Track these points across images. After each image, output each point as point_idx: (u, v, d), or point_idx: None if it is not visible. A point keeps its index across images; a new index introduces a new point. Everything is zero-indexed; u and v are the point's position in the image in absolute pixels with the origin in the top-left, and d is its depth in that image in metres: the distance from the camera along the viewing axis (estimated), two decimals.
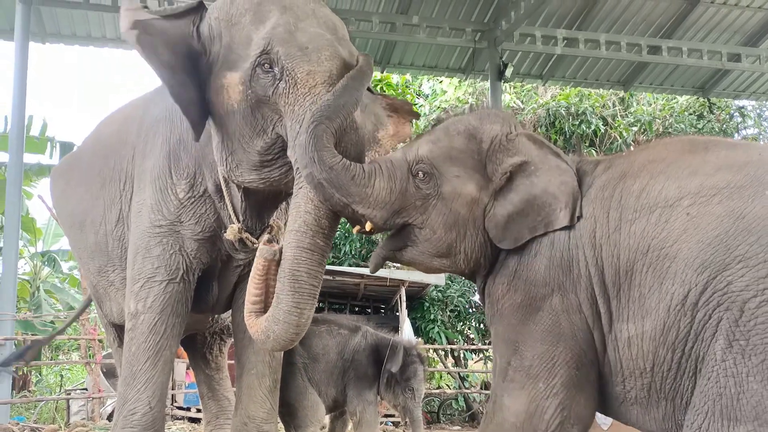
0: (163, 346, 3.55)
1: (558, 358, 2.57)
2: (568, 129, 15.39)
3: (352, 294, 12.61)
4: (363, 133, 2.99)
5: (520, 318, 2.67)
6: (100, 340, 9.00)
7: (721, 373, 2.24)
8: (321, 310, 12.33)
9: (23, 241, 14.28)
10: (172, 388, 9.26)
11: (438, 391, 11.92)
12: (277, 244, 2.94)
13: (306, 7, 3.12)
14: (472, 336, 14.24)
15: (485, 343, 13.37)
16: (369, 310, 13.75)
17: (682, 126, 16.52)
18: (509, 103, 16.40)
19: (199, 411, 8.52)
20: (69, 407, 10.49)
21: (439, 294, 13.38)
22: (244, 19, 3.07)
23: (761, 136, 17.78)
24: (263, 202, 3.43)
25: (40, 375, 15.50)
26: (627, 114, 16.80)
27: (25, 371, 13.70)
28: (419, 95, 17.50)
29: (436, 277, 11.45)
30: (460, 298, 13.54)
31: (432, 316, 13.07)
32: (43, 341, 6.32)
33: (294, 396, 4.75)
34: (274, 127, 2.96)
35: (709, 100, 16.12)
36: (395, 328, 10.77)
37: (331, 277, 10.60)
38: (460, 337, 13.96)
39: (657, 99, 17.33)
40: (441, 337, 12.86)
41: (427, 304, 13.18)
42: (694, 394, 2.33)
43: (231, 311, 4.03)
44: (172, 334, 3.58)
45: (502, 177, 2.79)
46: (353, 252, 13.57)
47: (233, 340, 4.08)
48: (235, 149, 3.07)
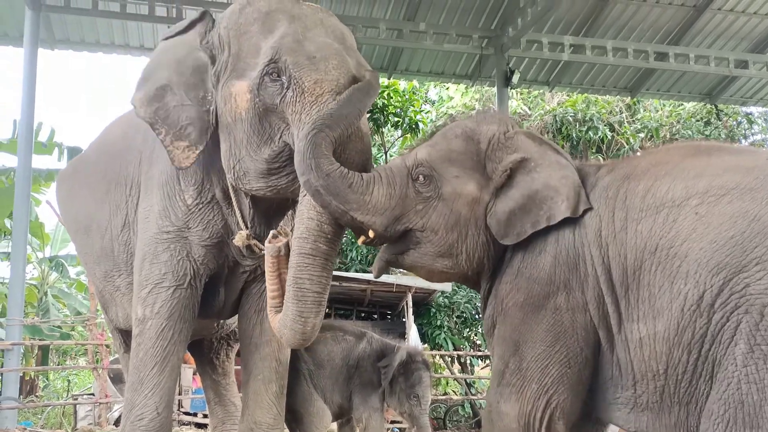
0: (170, 352, 3.56)
1: (553, 357, 2.59)
2: (575, 135, 15.38)
3: (358, 300, 12.59)
4: (369, 142, 3.01)
5: (522, 317, 2.67)
6: (107, 345, 9.02)
7: (743, 380, 2.20)
8: (327, 316, 12.22)
9: (31, 246, 14.32)
10: (179, 394, 9.26)
11: (444, 397, 11.87)
12: (284, 237, 2.98)
13: (314, 16, 3.15)
14: (479, 342, 14.21)
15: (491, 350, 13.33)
16: (375, 316, 13.71)
17: (689, 132, 16.49)
18: (516, 110, 16.42)
19: (205, 416, 8.50)
20: (76, 412, 10.51)
21: (446, 300, 13.35)
22: (252, 29, 3.09)
23: None
24: (271, 209, 3.45)
25: (48, 380, 15.54)
26: (634, 120, 16.80)
27: (32, 376, 13.74)
28: (426, 102, 17.49)
29: (442, 284, 11.43)
30: (466, 305, 13.50)
31: (438, 323, 13.04)
32: None
33: (299, 402, 4.73)
34: (281, 135, 2.98)
35: (716, 106, 16.08)
36: (401, 335, 10.74)
37: (337, 283, 10.58)
38: (466, 343, 13.93)
39: (664, 105, 17.32)
40: (447, 344, 12.83)
41: (433, 310, 13.15)
42: (711, 400, 2.29)
43: (237, 317, 4.04)
44: (179, 340, 3.59)
45: (503, 174, 2.79)
46: (359, 258, 13.56)
47: (240, 345, 4.09)
48: (242, 157, 3.09)
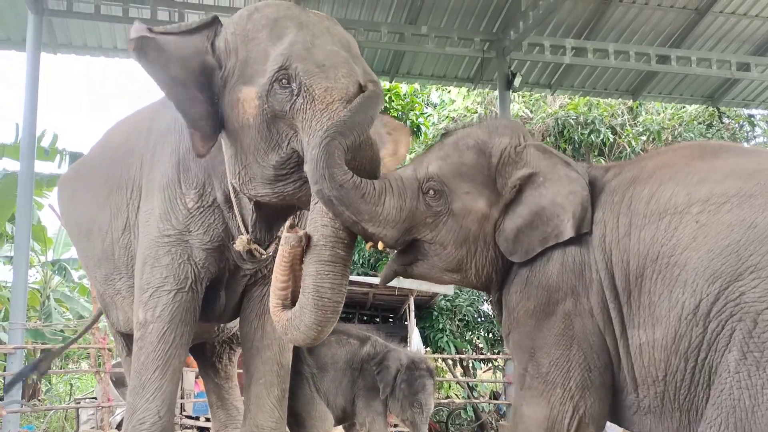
0: (171, 355, 3.57)
1: (572, 360, 2.58)
2: (577, 138, 15.37)
3: (360, 303, 12.60)
4: (378, 149, 3.00)
5: (534, 324, 2.68)
6: (109, 349, 9.01)
7: (735, 385, 2.22)
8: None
9: (34, 250, 14.33)
10: (182, 397, 9.25)
11: (447, 400, 11.86)
12: (301, 230, 2.88)
13: (321, 24, 3.16)
14: (481, 345, 14.20)
15: (494, 353, 13.34)
16: (378, 320, 13.72)
17: (692, 135, 16.47)
18: (518, 113, 16.40)
19: (208, 420, 8.50)
20: (78, 416, 10.51)
21: (448, 303, 13.35)
22: (260, 35, 3.09)
23: None
24: (274, 215, 3.45)
25: (50, 384, 15.52)
26: (636, 123, 16.77)
27: (34, 380, 13.72)
28: (428, 105, 17.50)
29: (444, 287, 11.43)
30: (468, 308, 13.51)
31: (441, 326, 13.04)
32: (56, 352, 6.28)
33: (302, 406, 4.73)
34: (289, 142, 2.98)
35: (718, 109, 16.06)
36: (404, 338, 10.75)
37: None
38: (468, 346, 13.92)
39: (666, 108, 17.28)
40: (450, 347, 12.83)
41: (435, 313, 13.15)
42: (707, 406, 2.31)
43: (239, 320, 4.04)
44: (180, 343, 3.60)
45: (511, 190, 2.79)
46: (362, 261, 13.57)
47: (242, 349, 4.09)
48: (249, 163, 3.08)
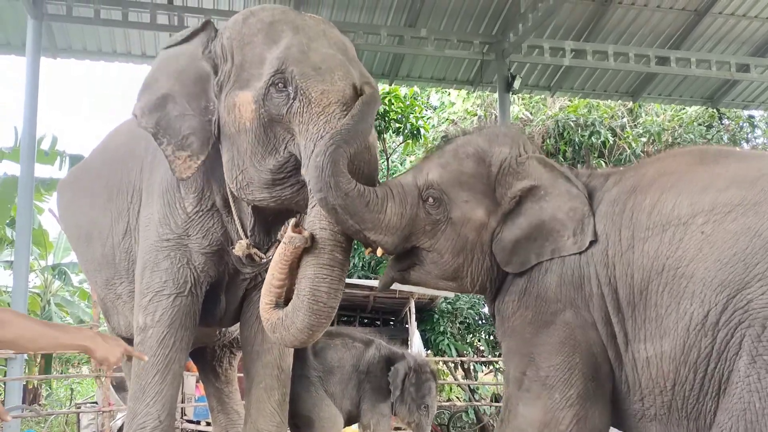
0: (171, 360, 3.55)
1: (575, 368, 2.56)
2: (577, 140, 15.38)
3: (361, 306, 12.59)
4: (376, 153, 3.00)
5: (533, 332, 2.66)
6: None
7: (745, 389, 2.21)
8: (330, 323, 12.29)
9: (34, 254, 14.32)
10: (182, 402, 9.23)
11: (448, 403, 11.86)
12: (305, 230, 2.83)
13: (317, 28, 3.16)
14: (482, 348, 14.18)
15: (495, 355, 13.32)
16: (378, 323, 13.71)
17: (692, 136, 16.48)
18: (518, 115, 16.40)
19: (208, 424, 8.47)
20: (79, 421, 10.51)
21: (449, 306, 13.35)
22: (256, 39, 3.09)
23: None
24: (272, 219, 3.44)
25: (51, 389, 15.53)
26: (636, 125, 16.79)
27: (35, 384, 13.73)
28: (427, 107, 17.51)
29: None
30: (469, 310, 13.50)
31: (442, 328, 13.04)
32: None
33: (310, 408, 4.72)
34: (286, 146, 2.97)
35: (718, 110, 16.07)
36: (405, 341, 10.73)
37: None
38: (469, 349, 13.91)
39: (666, 110, 17.30)
40: (451, 350, 12.82)
41: (436, 316, 13.15)
42: (719, 411, 2.30)
43: (239, 324, 4.03)
44: (180, 348, 3.58)
45: (511, 201, 2.77)
46: (362, 264, 13.56)
47: (242, 353, 4.08)
48: (246, 167, 3.08)
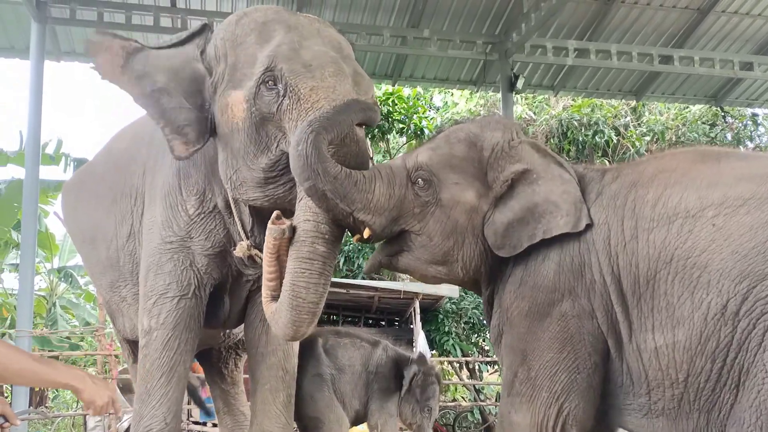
0: (177, 362, 3.56)
1: (561, 364, 2.56)
2: (581, 139, 15.37)
3: (366, 307, 12.59)
4: (365, 148, 2.98)
5: (527, 326, 2.65)
6: (116, 356, 9.02)
7: None
8: (335, 323, 12.33)
9: (39, 257, 14.36)
10: (188, 403, 9.26)
11: (453, 403, 11.86)
12: (288, 220, 2.86)
13: (311, 26, 3.17)
14: (487, 348, 14.16)
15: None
16: (383, 323, 13.70)
17: (695, 135, 16.45)
18: (521, 115, 16.40)
19: (215, 426, 8.50)
20: (86, 423, 10.51)
21: (453, 306, 13.33)
22: (249, 39, 3.11)
23: None
24: None
25: (57, 391, 15.55)
26: (639, 124, 16.77)
27: (42, 387, 13.75)
28: (431, 108, 17.51)
29: (449, 290, 11.40)
30: (474, 310, 13.47)
31: (446, 329, 13.02)
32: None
33: (320, 410, 4.74)
34: (278, 144, 2.98)
35: (722, 108, 16.04)
36: (410, 341, 10.73)
37: (344, 291, 10.59)
38: (474, 349, 13.90)
39: (669, 108, 17.27)
40: (456, 350, 12.81)
41: (441, 316, 13.13)
42: (741, 408, 2.28)
43: (244, 326, 4.04)
44: (185, 350, 3.59)
45: (503, 184, 2.77)
46: None
47: (247, 355, 4.09)
48: (239, 167, 3.09)
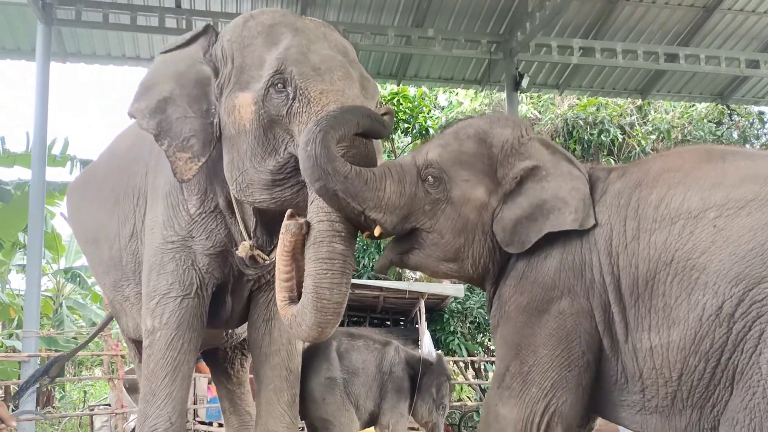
0: (180, 362, 3.58)
1: (553, 361, 2.57)
2: (586, 138, 15.34)
3: (371, 307, 12.58)
4: (374, 150, 2.97)
5: (524, 320, 2.66)
6: (122, 356, 9.05)
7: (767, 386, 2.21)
8: (341, 324, 12.31)
9: (46, 258, 14.40)
10: (194, 403, 9.28)
11: (459, 403, 11.84)
12: (301, 218, 2.85)
13: (317, 30, 3.19)
14: (493, 348, 14.14)
15: None
16: (388, 323, 13.70)
17: (701, 133, 16.40)
18: (526, 114, 16.39)
19: (221, 426, 8.51)
20: (92, 423, 10.56)
21: (459, 306, 13.32)
22: (256, 41, 3.12)
23: None
24: (275, 221, 3.44)
25: (64, 391, 15.59)
26: (645, 122, 16.73)
27: (48, 387, 13.79)
28: (436, 107, 17.50)
29: (455, 289, 11.39)
30: (479, 310, 13.47)
31: (452, 328, 13.02)
32: (67, 356, 6.36)
33: (332, 412, 4.77)
34: (286, 147, 2.99)
35: (728, 106, 15.98)
36: (415, 341, 10.73)
37: (350, 290, 10.58)
38: (480, 348, 13.90)
39: (675, 107, 17.22)
40: (461, 349, 12.80)
41: (446, 316, 13.12)
42: (735, 409, 2.29)
43: (247, 326, 4.04)
44: (189, 349, 3.61)
45: (513, 181, 2.77)
46: (372, 265, 13.56)
47: (251, 355, 4.10)
48: (246, 169, 3.09)
